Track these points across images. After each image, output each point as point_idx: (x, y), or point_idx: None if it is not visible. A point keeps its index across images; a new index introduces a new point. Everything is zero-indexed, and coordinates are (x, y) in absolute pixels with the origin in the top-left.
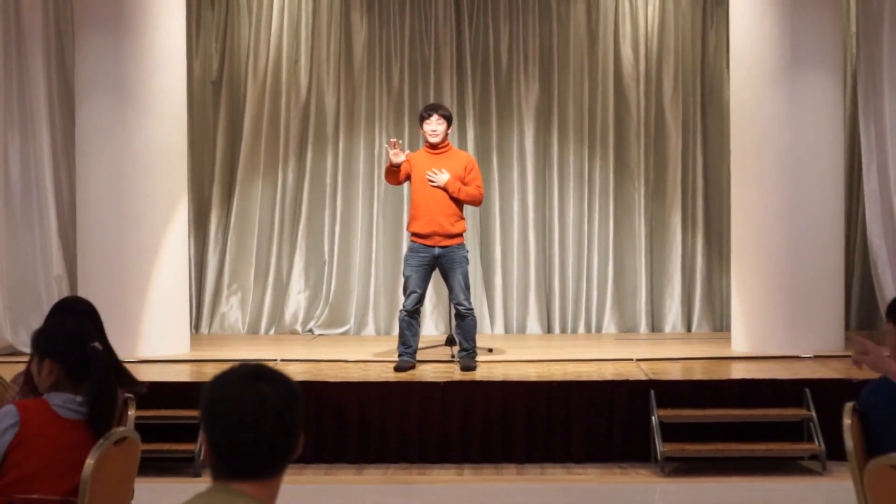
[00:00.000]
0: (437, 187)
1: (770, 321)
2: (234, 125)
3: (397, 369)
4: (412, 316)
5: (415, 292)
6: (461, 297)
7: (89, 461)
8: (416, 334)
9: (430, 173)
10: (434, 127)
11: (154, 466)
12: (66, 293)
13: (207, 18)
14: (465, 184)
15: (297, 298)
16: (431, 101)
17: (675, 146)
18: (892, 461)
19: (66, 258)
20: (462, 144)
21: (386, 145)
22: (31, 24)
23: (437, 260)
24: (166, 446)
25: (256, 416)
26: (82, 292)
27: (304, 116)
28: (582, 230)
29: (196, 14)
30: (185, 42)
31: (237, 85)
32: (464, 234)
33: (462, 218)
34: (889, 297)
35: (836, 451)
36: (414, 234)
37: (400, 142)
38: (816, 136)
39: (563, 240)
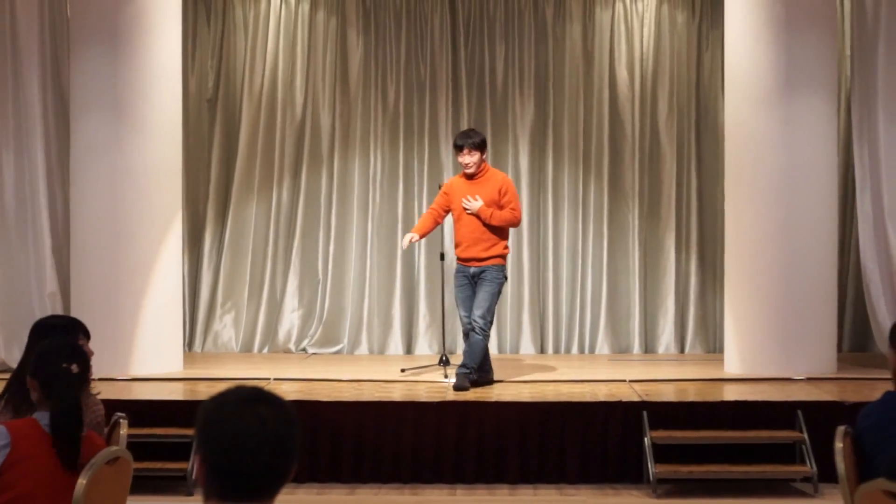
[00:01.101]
0: (472, 214)
1: (763, 343)
2: (229, 143)
3: (454, 388)
4: (466, 336)
5: (462, 312)
6: (478, 313)
7: (81, 480)
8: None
9: (465, 201)
10: (467, 160)
11: (146, 485)
12: (59, 310)
13: (204, 36)
14: (500, 207)
15: (290, 317)
16: (427, 120)
17: (669, 167)
18: (884, 486)
19: (60, 275)
20: (457, 165)
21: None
22: (27, 41)
23: (473, 279)
24: (159, 465)
25: (257, 438)
26: (75, 309)
27: (300, 135)
28: (576, 251)
29: (192, 32)
30: (181, 59)
31: (233, 103)
32: (504, 257)
33: (500, 241)
34: (882, 320)
35: (828, 474)
36: (458, 258)
37: (414, 239)
38: (810, 158)
39: (556, 260)
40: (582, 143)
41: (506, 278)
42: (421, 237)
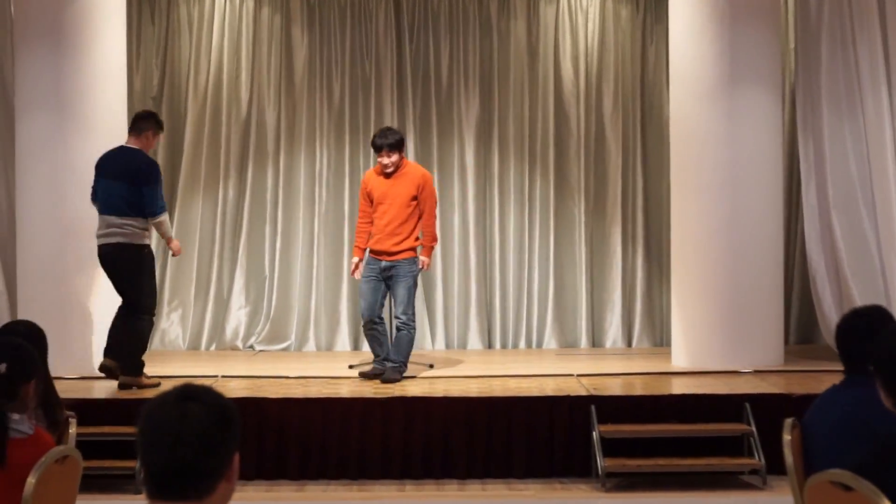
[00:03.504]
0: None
1: (710, 336)
2: (174, 141)
3: (361, 375)
4: (367, 327)
5: (364, 301)
6: (400, 309)
7: (31, 479)
8: (381, 343)
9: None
10: (386, 161)
11: (95, 484)
12: (5, 309)
13: (148, 34)
14: (419, 201)
15: (237, 314)
16: (372, 117)
17: (615, 162)
18: (832, 477)
19: (6, 274)
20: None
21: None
22: None
23: (383, 272)
24: (107, 463)
25: (174, 434)
26: (22, 308)
27: (245, 132)
28: (523, 246)
29: (137, 30)
30: (126, 58)
31: (178, 100)
32: (415, 249)
33: (412, 235)
34: (828, 312)
35: (776, 466)
36: (370, 249)
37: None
38: (755, 152)
39: (503, 255)
40: (527, 138)
41: (420, 268)
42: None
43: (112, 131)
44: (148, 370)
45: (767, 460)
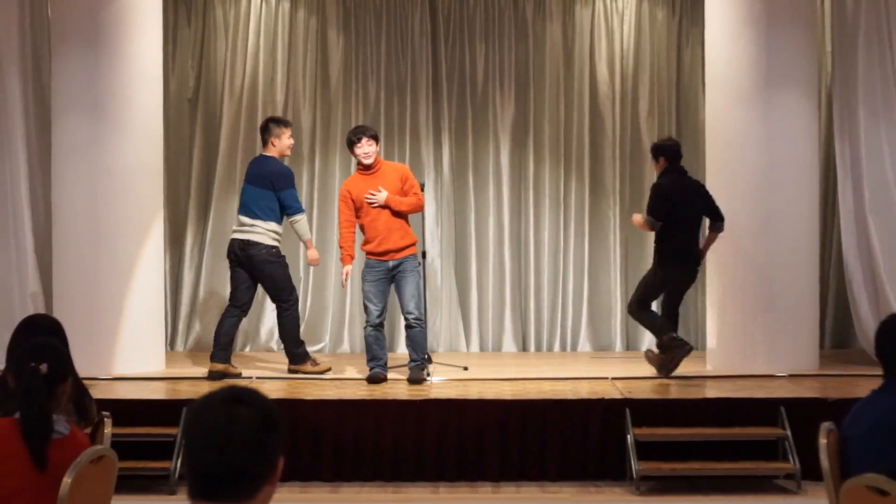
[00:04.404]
0: (379, 206)
1: (745, 340)
2: (210, 142)
3: (370, 381)
4: (377, 329)
5: (376, 306)
6: (411, 306)
7: (66, 480)
8: (383, 347)
9: (368, 196)
10: (365, 150)
11: (129, 484)
12: (41, 310)
13: (184, 36)
14: (404, 194)
15: (272, 316)
16: (408, 119)
17: (650, 165)
18: (868, 481)
19: (42, 275)
20: (438, 163)
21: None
22: (7, 42)
23: (391, 271)
24: (141, 464)
25: (224, 437)
26: (57, 309)
27: None
28: (557, 248)
29: (173, 32)
30: (162, 59)
31: (213, 102)
32: (415, 245)
33: (410, 228)
34: (864, 316)
35: (810, 471)
36: (368, 253)
37: (351, 271)
38: (791, 155)
39: (538, 258)
40: (563, 141)
41: (420, 262)
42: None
43: (148, 133)
44: (182, 371)
45: (802, 464)
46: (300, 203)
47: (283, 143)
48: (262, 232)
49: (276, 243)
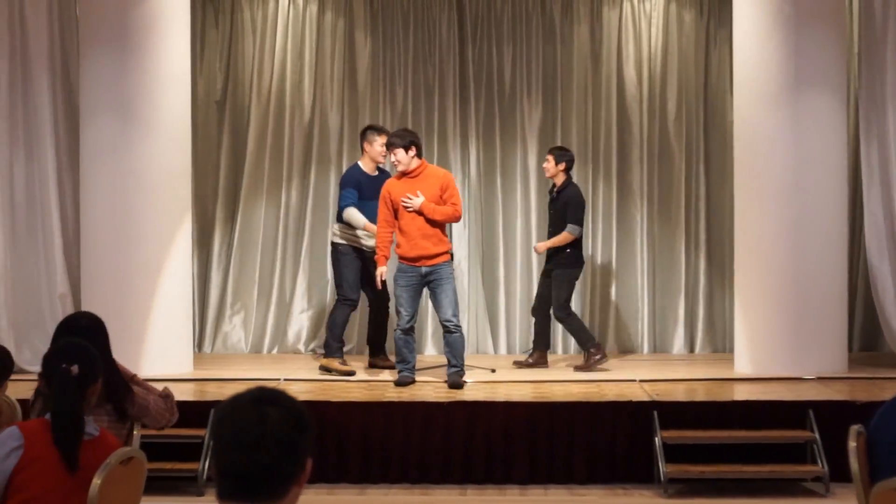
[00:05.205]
0: (414, 211)
1: (773, 342)
2: (237, 144)
3: (398, 384)
4: (407, 333)
5: (407, 311)
6: (449, 312)
7: (96, 481)
8: (412, 350)
9: (404, 200)
10: (393, 159)
11: (157, 486)
12: (70, 311)
13: (212, 38)
14: (443, 203)
15: (299, 318)
16: (435, 121)
17: (677, 167)
18: None
19: (70, 276)
20: (465, 165)
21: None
22: (36, 43)
23: (424, 278)
24: (169, 465)
25: (254, 438)
26: (85, 309)
27: (308, 136)
28: (585, 251)
29: (201, 34)
30: (190, 61)
31: (241, 104)
32: (450, 252)
33: (445, 236)
34: (890, 319)
35: (839, 473)
36: (401, 257)
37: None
38: (820, 157)
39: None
40: (590, 143)
41: (453, 269)
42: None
43: (175, 135)
44: (210, 373)
45: (831, 468)
46: (348, 200)
47: (373, 149)
48: (334, 232)
49: (341, 241)
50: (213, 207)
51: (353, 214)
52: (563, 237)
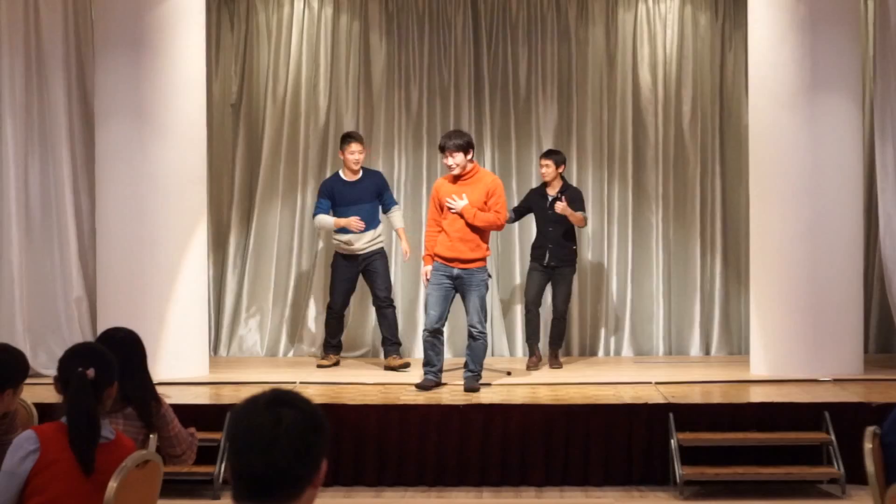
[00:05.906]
0: (456, 213)
1: (789, 344)
2: (253, 148)
3: (419, 387)
4: (434, 335)
5: (434, 310)
6: (475, 319)
7: (112, 484)
8: (438, 353)
9: (448, 200)
10: (450, 162)
11: (173, 489)
12: (85, 315)
13: (227, 41)
14: (487, 209)
15: (315, 321)
16: (451, 124)
17: (693, 170)
18: None
19: (86, 280)
20: (481, 166)
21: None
22: (51, 46)
23: (455, 280)
24: (185, 468)
25: (269, 439)
26: (101, 315)
27: (323, 139)
28: (601, 253)
29: (216, 37)
30: (205, 65)
31: (256, 108)
32: (486, 259)
33: (483, 243)
34: None
35: (855, 475)
36: (437, 255)
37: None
38: (835, 159)
39: (581, 263)
40: (605, 145)
41: (489, 275)
42: None
43: (191, 138)
44: (225, 376)
45: (847, 469)
46: (316, 210)
47: (345, 156)
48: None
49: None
50: (228, 211)
51: (319, 220)
52: (581, 217)
